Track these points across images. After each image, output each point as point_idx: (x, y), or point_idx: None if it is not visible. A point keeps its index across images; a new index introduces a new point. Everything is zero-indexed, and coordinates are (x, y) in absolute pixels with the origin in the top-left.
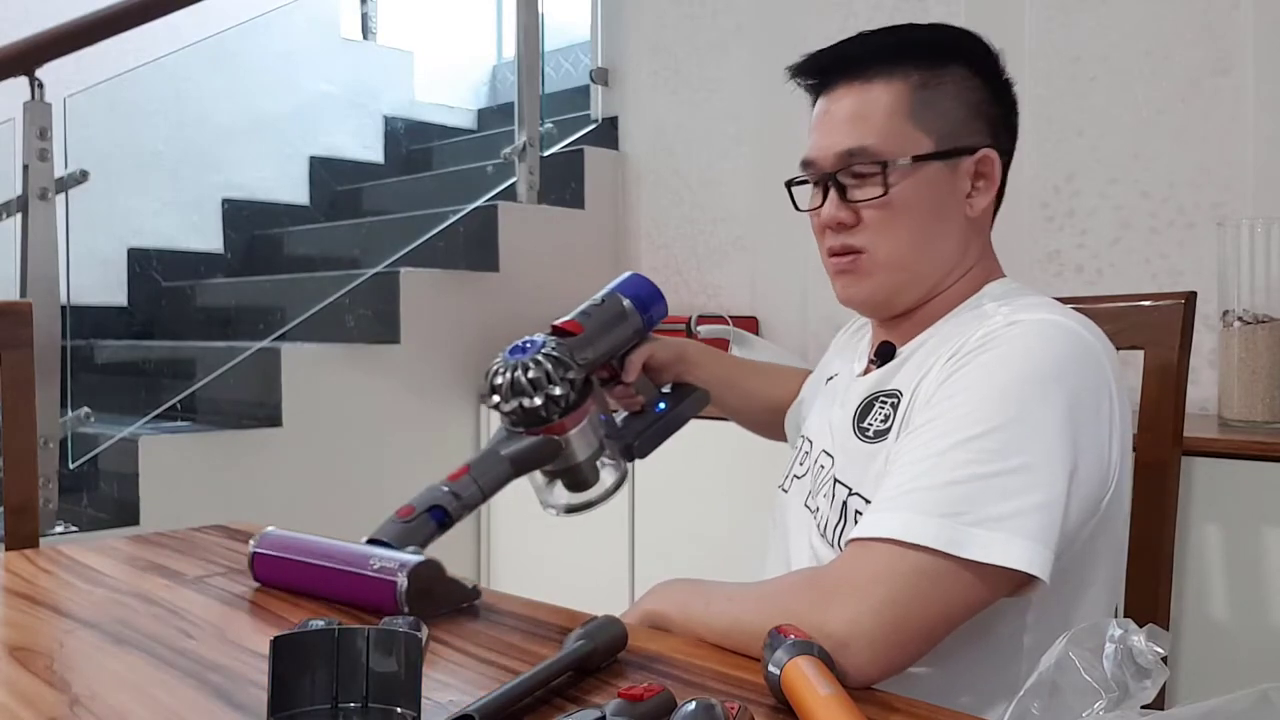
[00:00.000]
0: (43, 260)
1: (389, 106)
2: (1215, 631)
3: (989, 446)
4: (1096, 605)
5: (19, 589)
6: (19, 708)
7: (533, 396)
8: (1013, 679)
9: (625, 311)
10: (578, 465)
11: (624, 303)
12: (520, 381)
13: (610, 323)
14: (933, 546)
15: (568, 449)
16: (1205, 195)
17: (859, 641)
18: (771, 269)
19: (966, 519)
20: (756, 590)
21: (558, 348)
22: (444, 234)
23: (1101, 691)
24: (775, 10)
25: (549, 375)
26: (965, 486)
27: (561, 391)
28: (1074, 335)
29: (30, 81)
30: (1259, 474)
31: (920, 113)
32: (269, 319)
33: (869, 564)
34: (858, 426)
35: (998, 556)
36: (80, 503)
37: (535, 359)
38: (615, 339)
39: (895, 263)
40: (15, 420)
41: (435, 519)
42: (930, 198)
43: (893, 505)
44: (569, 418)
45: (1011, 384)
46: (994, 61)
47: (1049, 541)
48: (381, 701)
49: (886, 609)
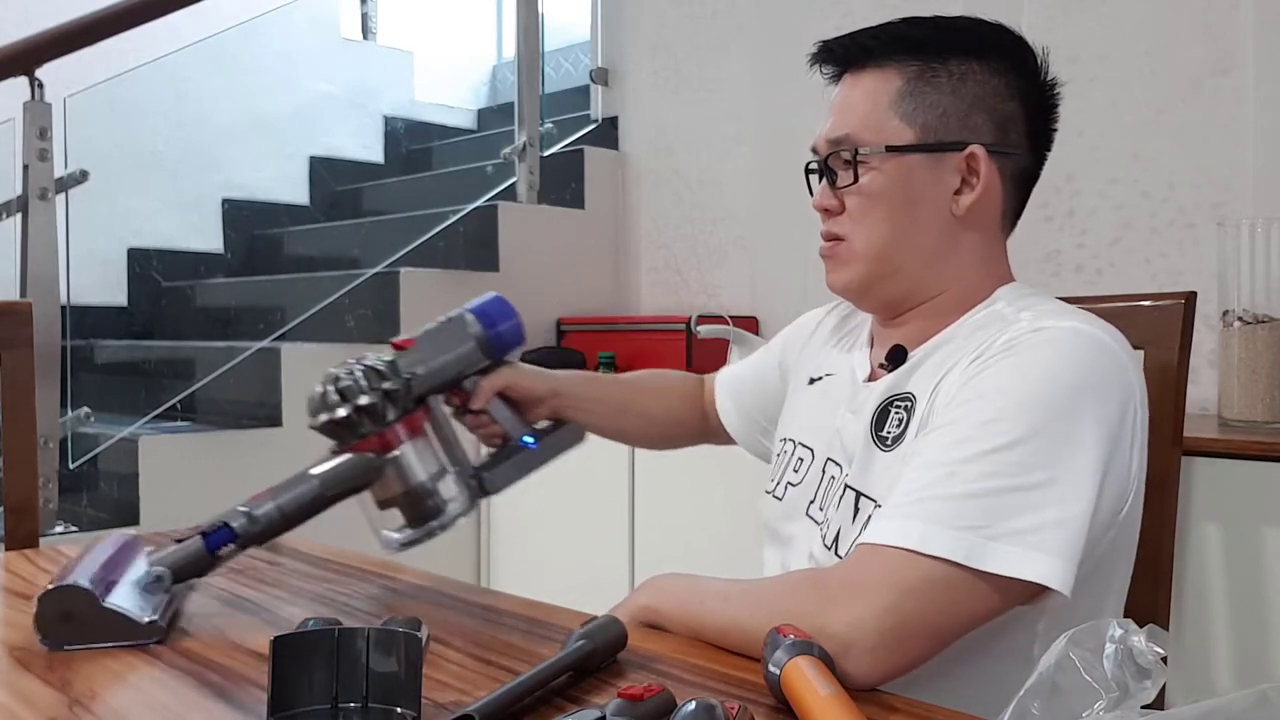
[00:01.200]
0: (43, 260)
1: (389, 106)
2: (1215, 631)
3: (1012, 459)
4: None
5: (19, 589)
6: (19, 708)
7: (343, 405)
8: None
9: (468, 328)
10: (411, 491)
11: (469, 319)
12: (330, 394)
13: (448, 339)
14: (949, 558)
15: (396, 470)
16: (1205, 195)
17: (860, 645)
18: (771, 269)
19: (986, 532)
20: (755, 588)
21: (379, 360)
22: (444, 234)
23: (1101, 691)
24: (775, 10)
25: (358, 385)
26: (986, 500)
27: (371, 400)
28: (1101, 345)
29: (30, 81)
30: (1259, 474)
31: (906, 104)
32: (269, 319)
33: (877, 569)
34: (876, 435)
35: (1016, 569)
36: (80, 503)
37: (350, 369)
38: (453, 356)
39: (870, 252)
40: (15, 420)
41: (211, 540)
42: (907, 189)
43: (908, 513)
44: (390, 433)
45: (1037, 394)
46: (1023, 57)
47: (1071, 556)
48: (381, 701)
49: (889, 615)
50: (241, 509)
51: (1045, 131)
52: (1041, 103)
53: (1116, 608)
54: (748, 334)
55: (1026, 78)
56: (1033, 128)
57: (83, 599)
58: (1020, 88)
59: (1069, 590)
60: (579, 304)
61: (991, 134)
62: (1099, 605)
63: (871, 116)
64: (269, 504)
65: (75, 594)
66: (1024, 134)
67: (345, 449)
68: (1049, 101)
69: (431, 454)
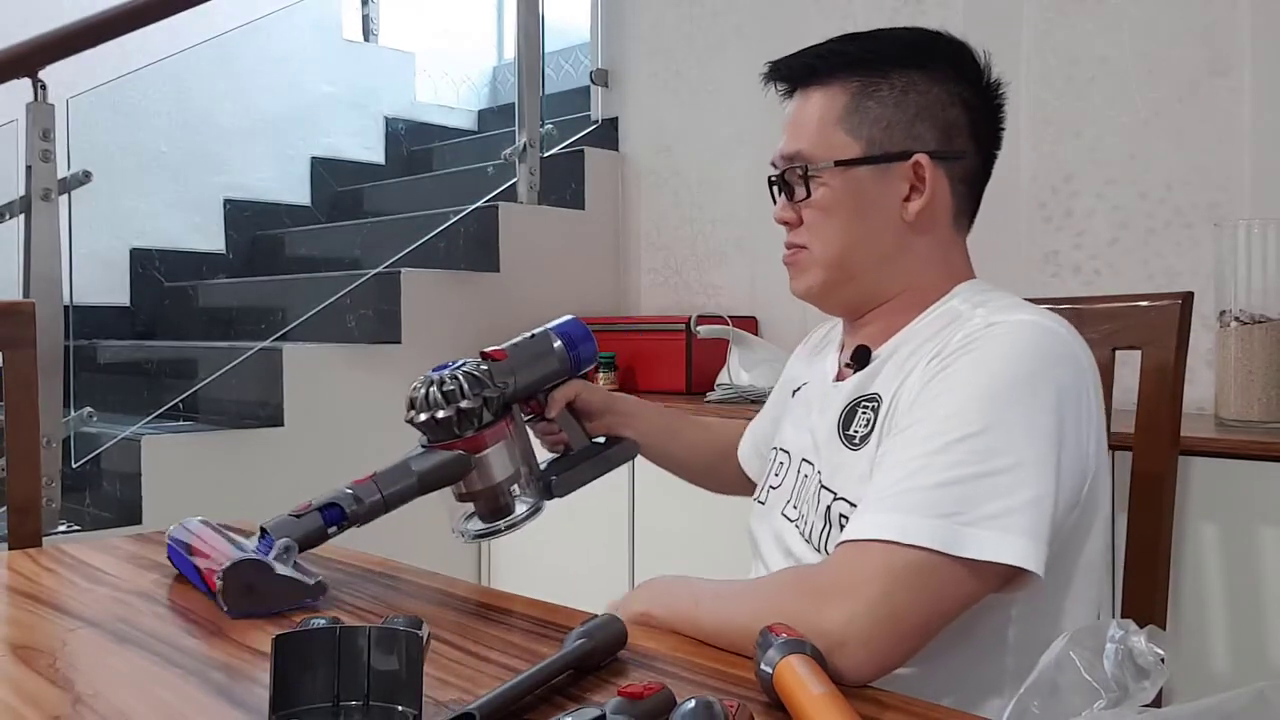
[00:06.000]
0: (46, 260)
1: (390, 107)
2: (1212, 630)
3: (978, 447)
4: (1081, 599)
5: (22, 588)
6: (22, 706)
7: (445, 408)
8: (998, 674)
9: (552, 346)
10: (491, 489)
11: (553, 338)
12: (434, 394)
13: (535, 354)
14: (930, 547)
15: (481, 469)
16: (1202, 196)
17: (855, 640)
18: (771, 269)
19: (961, 519)
20: (747, 588)
21: (476, 367)
22: (445, 234)
23: (1101, 691)
24: (775, 11)
25: (462, 390)
26: (958, 487)
27: (471, 405)
28: (1053, 334)
29: (33, 83)
30: (1256, 473)
31: (851, 120)
32: (271, 319)
33: (863, 564)
34: (844, 434)
35: (992, 553)
36: (83, 502)
37: (453, 374)
38: (539, 370)
39: (827, 260)
40: (18, 420)
41: (326, 516)
42: (857, 199)
43: (886, 506)
44: (482, 435)
45: (996, 385)
46: (964, 62)
47: (1041, 536)
48: (383, 700)
49: (882, 607)
50: (348, 491)
51: (992, 132)
52: (985, 105)
53: (1092, 596)
54: (747, 334)
55: (969, 82)
56: (977, 130)
57: (260, 570)
58: (962, 93)
59: (1041, 569)
60: (579, 304)
61: (936, 141)
62: (1067, 589)
63: (820, 133)
64: (374, 491)
65: (254, 566)
66: (969, 137)
67: (438, 445)
68: (993, 103)
69: (509, 457)
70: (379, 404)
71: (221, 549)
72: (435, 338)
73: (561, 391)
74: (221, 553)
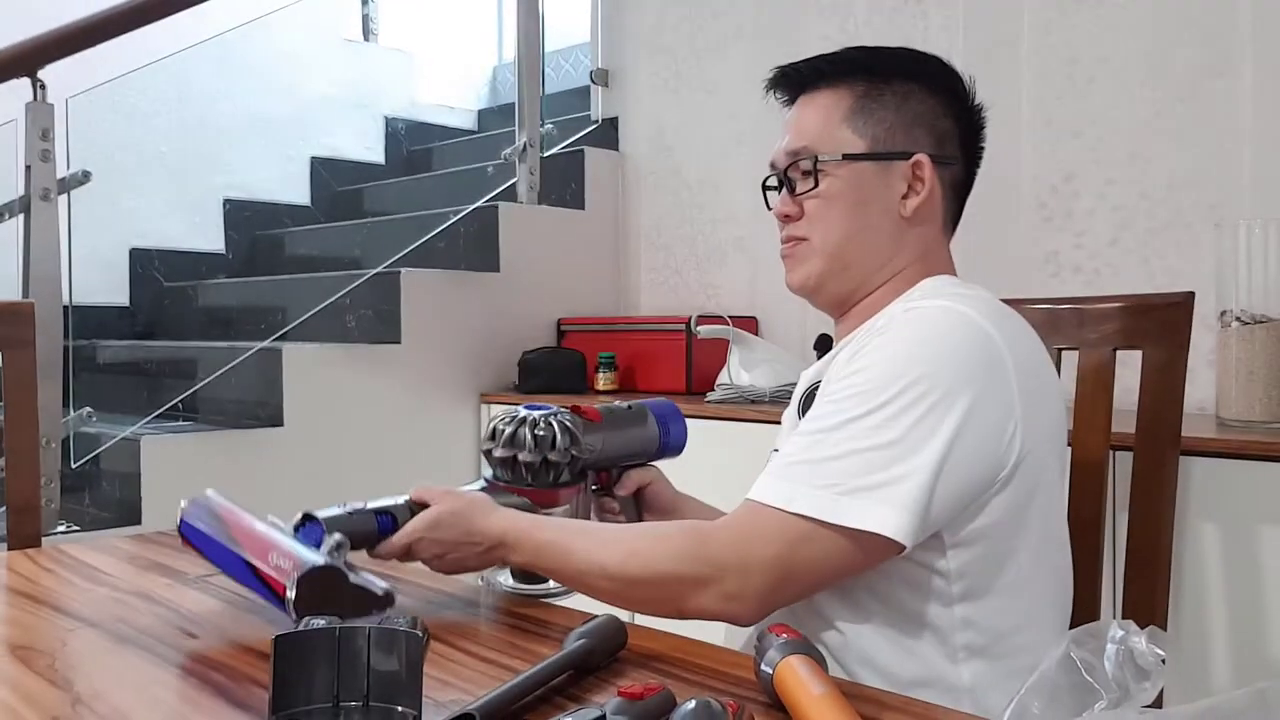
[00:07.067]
0: (45, 260)
1: (390, 107)
2: (1213, 629)
3: (868, 424)
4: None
5: (21, 588)
6: (22, 707)
7: (531, 452)
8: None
9: (646, 423)
10: None
11: (650, 418)
12: (524, 435)
13: (629, 430)
14: (810, 515)
15: None
16: (1203, 196)
17: (748, 593)
18: (771, 269)
19: (838, 489)
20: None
21: (573, 421)
22: (445, 234)
23: (1102, 691)
24: (775, 11)
25: (555, 440)
26: (841, 462)
27: (558, 459)
28: (963, 319)
29: (33, 82)
30: (1256, 474)
31: (857, 118)
32: (270, 319)
33: (759, 528)
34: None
35: (859, 522)
36: (82, 502)
37: (550, 420)
38: (627, 443)
39: (828, 250)
40: (17, 420)
41: (380, 522)
42: (860, 192)
43: (780, 475)
44: (556, 492)
45: (896, 365)
46: (953, 82)
47: (914, 509)
48: (383, 700)
49: (774, 568)
50: (403, 502)
51: (975, 148)
52: (971, 123)
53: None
54: (747, 334)
55: (958, 99)
56: (965, 142)
57: (335, 578)
58: (952, 107)
59: (909, 541)
60: (579, 304)
61: (932, 145)
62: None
63: (827, 129)
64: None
65: (330, 574)
66: (959, 147)
67: (507, 487)
68: (977, 123)
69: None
70: (379, 404)
71: (279, 545)
72: (435, 338)
73: (639, 474)
74: (279, 550)
